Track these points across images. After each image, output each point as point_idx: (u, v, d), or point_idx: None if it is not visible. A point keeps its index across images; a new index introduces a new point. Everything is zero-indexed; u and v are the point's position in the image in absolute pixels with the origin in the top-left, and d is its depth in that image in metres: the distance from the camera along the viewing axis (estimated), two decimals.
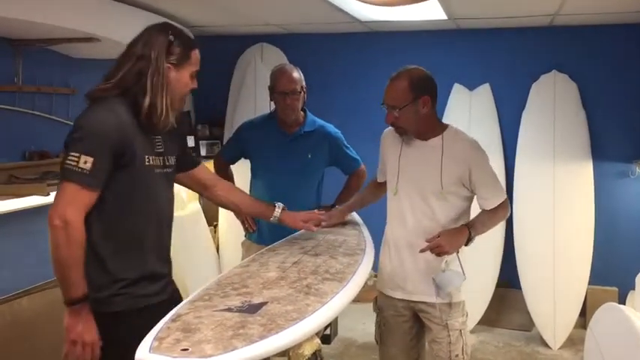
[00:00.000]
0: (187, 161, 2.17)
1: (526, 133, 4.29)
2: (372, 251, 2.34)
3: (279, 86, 2.78)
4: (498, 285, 4.31)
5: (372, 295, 2.54)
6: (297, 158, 2.84)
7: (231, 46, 4.82)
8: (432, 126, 2.34)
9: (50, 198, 2.99)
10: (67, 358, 1.79)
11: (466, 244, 2.26)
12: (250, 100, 4.58)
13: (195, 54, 1.95)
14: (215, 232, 4.71)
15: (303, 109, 2.89)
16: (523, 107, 4.32)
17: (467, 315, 2.42)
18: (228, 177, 3.01)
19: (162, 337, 1.43)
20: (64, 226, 1.72)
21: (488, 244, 4.21)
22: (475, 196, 2.37)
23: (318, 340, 1.59)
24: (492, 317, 4.31)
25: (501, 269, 4.30)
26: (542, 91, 4.28)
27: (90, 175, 1.73)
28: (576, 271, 4.09)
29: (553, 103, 4.24)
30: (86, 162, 1.72)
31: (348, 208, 2.73)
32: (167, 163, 1.98)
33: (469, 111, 4.44)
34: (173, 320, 1.54)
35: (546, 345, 4.03)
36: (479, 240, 2.73)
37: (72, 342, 1.77)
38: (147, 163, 1.88)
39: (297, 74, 2.79)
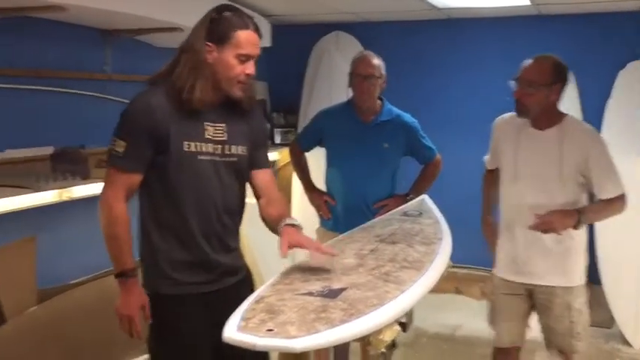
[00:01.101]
0: (253, 159, 2.05)
1: (611, 124, 4.10)
2: (450, 241, 2.32)
3: (357, 70, 2.80)
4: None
5: (447, 285, 2.55)
6: (373, 147, 2.85)
7: (307, 35, 4.86)
8: (551, 115, 2.42)
9: None
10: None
11: (575, 228, 2.34)
12: (325, 88, 4.61)
13: (244, 35, 1.82)
14: None
15: (380, 98, 2.90)
16: (608, 96, 4.15)
17: (587, 294, 2.56)
18: (303, 164, 3.06)
19: (248, 317, 1.48)
20: (102, 207, 1.83)
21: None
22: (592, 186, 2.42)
23: (398, 327, 1.61)
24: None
25: (589, 265, 4.15)
26: (629, 79, 4.10)
27: (123, 158, 1.80)
28: None
29: None
30: (120, 146, 1.81)
31: (489, 212, 2.75)
32: (227, 152, 1.93)
33: None
34: (257, 302, 1.59)
35: (627, 343, 3.88)
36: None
37: (115, 312, 1.89)
38: (186, 149, 1.84)
39: (377, 61, 2.81)
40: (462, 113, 4.47)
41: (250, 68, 1.86)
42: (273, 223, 1.99)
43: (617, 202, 2.41)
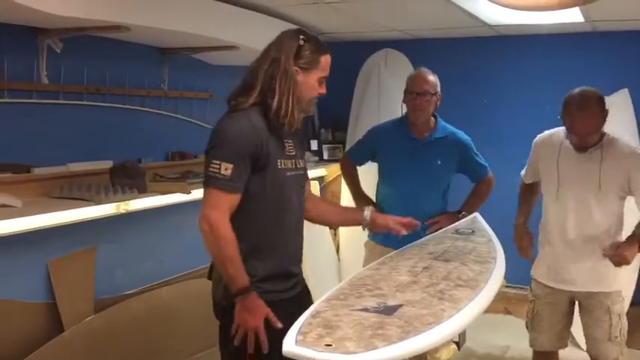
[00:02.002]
0: None
1: None
2: (504, 260, 2.29)
3: (411, 86, 2.82)
4: (632, 304, 4.03)
5: (497, 305, 2.54)
6: (426, 164, 2.85)
7: (356, 52, 4.88)
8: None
9: (191, 196, 3.21)
10: (235, 340, 1.90)
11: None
12: (374, 105, 4.63)
13: (325, 59, 2.00)
14: (335, 233, 4.81)
15: (434, 115, 2.90)
16: None
17: (624, 300, 2.68)
18: (354, 177, 3.09)
19: (305, 331, 1.50)
20: (211, 229, 1.86)
21: None
22: None
23: (454, 346, 1.60)
24: (627, 338, 4.04)
25: (637, 286, 4.03)
26: None
27: (231, 181, 1.86)
28: None
29: None
30: (227, 169, 1.85)
31: (524, 218, 2.86)
32: (298, 166, 2.07)
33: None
34: (313, 316, 1.61)
35: None
36: None
37: (237, 325, 1.89)
38: (279, 167, 1.97)
39: (432, 77, 2.84)
40: (511, 131, 4.41)
41: (324, 88, 2.04)
42: (331, 216, 2.34)
43: None
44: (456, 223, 2.76)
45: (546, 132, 2.75)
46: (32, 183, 2.81)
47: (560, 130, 2.63)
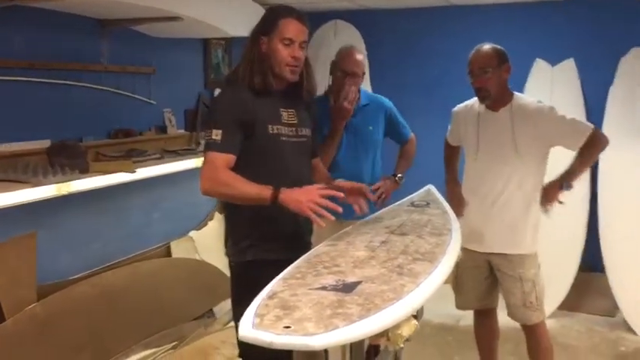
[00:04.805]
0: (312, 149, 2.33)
1: (613, 111, 4.08)
2: (459, 231, 2.28)
3: (342, 64, 2.79)
4: (580, 269, 4.15)
5: (448, 276, 2.53)
6: (359, 131, 2.87)
7: None
8: (503, 95, 2.67)
9: (137, 175, 3.08)
10: (313, 218, 1.96)
11: (563, 189, 2.64)
12: (324, 77, 4.53)
13: (285, 22, 2.09)
14: None
15: None
16: (610, 83, 4.11)
17: (539, 266, 2.74)
18: None
19: (262, 313, 1.43)
20: (211, 183, 2.00)
21: (571, 227, 4.06)
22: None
23: (415, 322, 1.56)
24: (574, 302, 4.16)
25: (584, 253, 4.14)
26: (631, 65, 4.06)
27: (222, 143, 2.02)
28: None
29: None
30: (217, 134, 2.02)
31: (453, 174, 2.97)
32: (300, 133, 2.20)
33: (551, 88, 4.26)
34: (270, 297, 1.54)
35: (632, 331, 3.85)
36: (561, 222, 3.30)
37: (301, 211, 1.95)
38: (271, 132, 2.10)
39: (361, 57, 2.84)
40: (463, 100, 4.43)
41: (296, 52, 2.09)
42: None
43: (593, 140, 2.58)
44: (411, 196, 2.75)
45: (464, 102, 2.89)
46: None
47: (476, 100, 2.76)
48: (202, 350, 3.26)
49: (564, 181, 2.64)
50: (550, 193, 2.65)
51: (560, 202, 2.67)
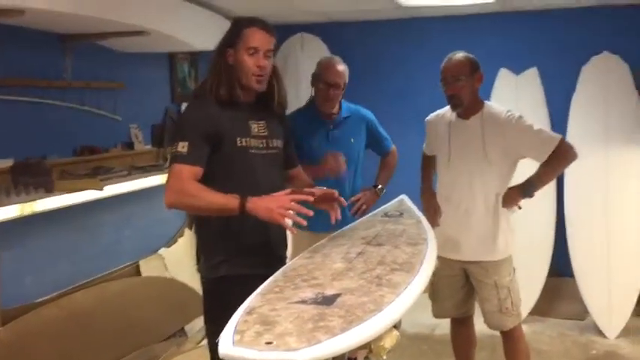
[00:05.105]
0: (288, 159, 2.32)
1: (576, 119, 4.16)
2: (435, 240, 2.28)
3: (325, 76, 2.80)
4: (550, 274, 4.21)
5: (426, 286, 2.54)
6: (341, 143, 2.86)
7: None
8: (475, 104, 2.69)
9: (104, 193, 3.01)
10: (285, 224, 1.94)
11: (524, 197, 2.68)
12: (292, 91, 4.51)
13: (248, 31, 2.07)
14: None
15: None
16: (572, 91, 4.20)
17: (514, 271, 2.76)
18: None
19: (242, 330, 1.40)
20: (176, 195, 1.95)
21: (539, 233, 4.12)
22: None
23: (397, 332, 1.55)
24: (544, 307, 4.22)
25: (553, 258, 4.20)
26: (592, 73, 4.16)
27: (188, 155, 1.98)
28: (632, 258, 3.96)
29: (605, 87, 4.11)
30: (183, 147, 1.99)
31: (428, 183, 2.98)
32: (271, 145, 2.17)
33: (516, 96, 4.33)
34: (248, 313, 1.51)
35: (602, 334, 3.91)
36: (530, 229, 3.49)
37: (272, 219, 1.90)
38: (239, 144, 2.07)
39: (343, 68, 2.84)
40: (428, 110, 4.47)
41: (261, 60, 2.06)
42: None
43: (559, 152, 2.59)
44: (384, 206, 2.75)
45: (436, 111, 2.91)
46: None
47: (448, 108, 2.78)
48: None
49: (525, 189, 2.66)
50: (509, 199, 2.68)
51: (520, 208, 2.73)
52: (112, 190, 3.18)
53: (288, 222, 1.94)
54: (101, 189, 2.98)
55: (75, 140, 3.39)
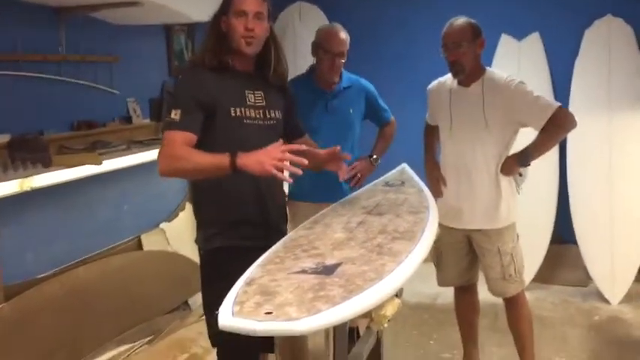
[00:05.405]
0: (294, 128, 2.32)
1: (579, 84, 4.11)
2: (436, 208, 2.26)
3: (327, 45, 2.73)
4: (552, 241, 4.20)
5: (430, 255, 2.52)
6: (340, 114, 2.84)
7: None
8: (476, 70, 2.66)
9: (103, 167, 2.99)
10: (277, 175, 1.87)
11: (521, 166, 2.68)
12: (290, 60, 4.46)
13: None
14: None
15: None
16: (575, 56, 4.15)
17: (518, 238, 2.75)
18: None
19: (242, 301, 1.38)
20: (168, 161, 1.94)
21: (542, 200, 4.10)
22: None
23: (398, 301, 1.54)
24: (547, 274, 4.22)
25: (555, 225, 4.18)
26: (595, 37, 4.09)
27: (180, 122, 1.98)
28: (635, 225, 3.95)
29: (608, 50, 4.05)
30: (176, 114, 1.99)
31: (431, 154, 2.96)
32: (269, 116, 2.14)
33: (518, 62, 4.28)
34: (248, 284, 1.50)
35: (605, 300, 3.93)
36: (532, 195, 3.32)
37: (265, 171, 1.86)
38: (233, 114, 2.05)
39: (346, 35, 2.77)
40: (430, 75, 4.42)
41: (250, 22, 2.02)
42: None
43: (557, 119, 2.55)
44: (385, 175, 2.72)
45: (438, 79, 2.87)
46: None
47: (449, 76, 2.74)
48: (179, 343, 3.20)
49: (522, 158, 2.64)
50: (507, 167, 2.66)
51: (521, 175, 2.72)
52: (110, 164, 3.16)
53: (285, 174, 1.90)
54: (100, 163, 2.95)
55: (72, 115, 3.35)
